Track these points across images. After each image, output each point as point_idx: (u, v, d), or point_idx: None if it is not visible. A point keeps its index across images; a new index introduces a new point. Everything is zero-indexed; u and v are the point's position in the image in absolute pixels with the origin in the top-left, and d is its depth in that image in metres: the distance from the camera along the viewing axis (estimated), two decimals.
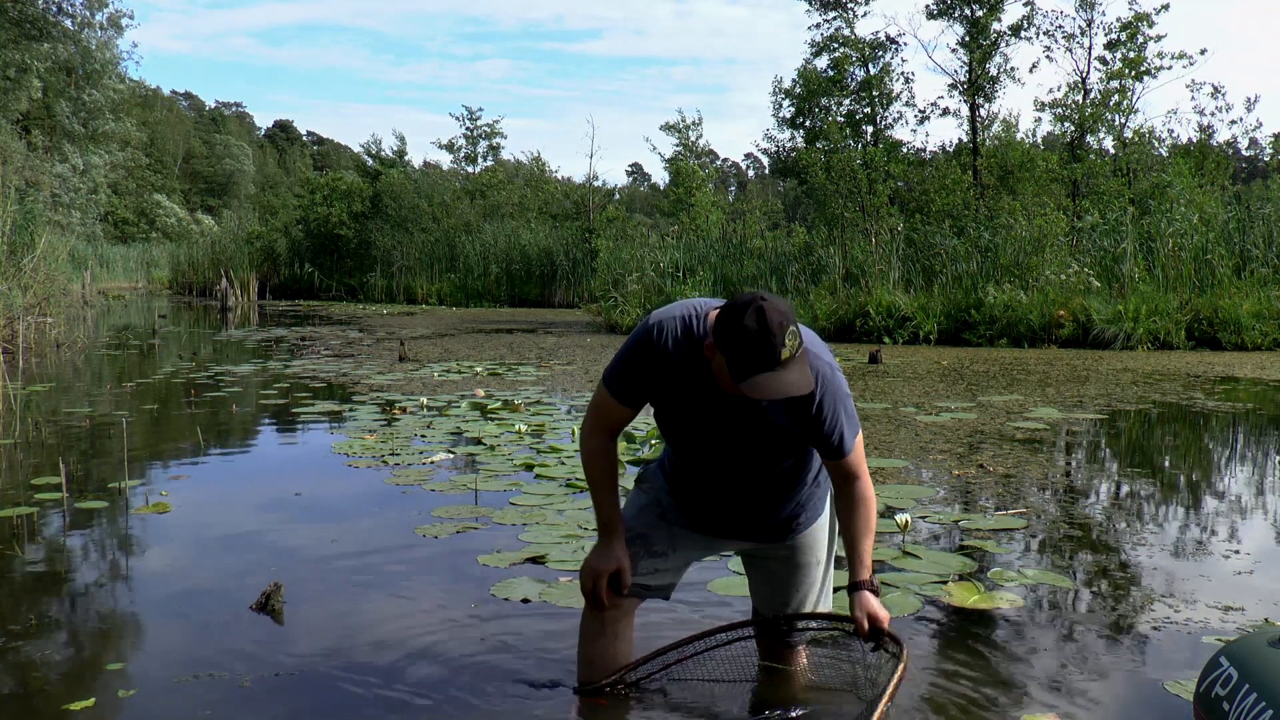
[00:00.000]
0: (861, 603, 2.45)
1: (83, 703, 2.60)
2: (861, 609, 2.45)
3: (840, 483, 2.51)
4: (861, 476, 2.49)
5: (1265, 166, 35.40)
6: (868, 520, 2.49)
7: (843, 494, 2.51)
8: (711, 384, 2.37)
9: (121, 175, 45.30)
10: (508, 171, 37.84)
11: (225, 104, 79.66)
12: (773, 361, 2.15)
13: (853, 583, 2.48)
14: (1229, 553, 4.03)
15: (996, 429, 7.03)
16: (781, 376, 2.16)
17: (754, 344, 2.14)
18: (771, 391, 2.16)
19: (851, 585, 2.48)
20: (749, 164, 78.63)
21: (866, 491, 2.49)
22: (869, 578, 2.47)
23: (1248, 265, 15.09)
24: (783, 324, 2.15)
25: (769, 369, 2.15)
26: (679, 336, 2.38)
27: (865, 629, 2.45)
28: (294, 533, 4.37)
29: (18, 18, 29.28)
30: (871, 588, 2.47)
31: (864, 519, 2.49)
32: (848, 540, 2.51)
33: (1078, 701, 2.64)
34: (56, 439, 6.72)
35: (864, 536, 2.48)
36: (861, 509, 2.49)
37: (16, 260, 12.45)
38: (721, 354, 2.21)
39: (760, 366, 2.15)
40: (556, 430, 6.97)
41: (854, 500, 2.49)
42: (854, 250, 17.45)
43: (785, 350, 2.15)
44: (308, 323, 20.73)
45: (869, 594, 2.46)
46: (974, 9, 19.68)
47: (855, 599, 2.47)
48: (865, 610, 2.44)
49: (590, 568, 2.53)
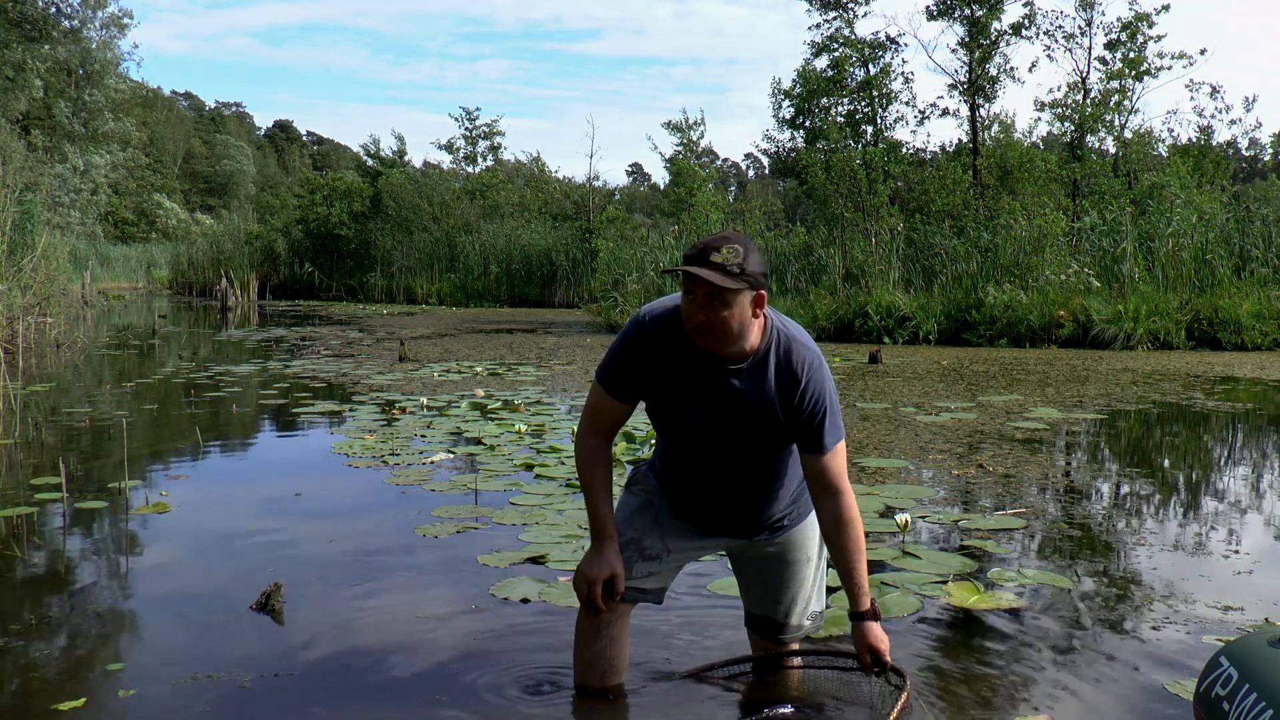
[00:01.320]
0: (864, 634, 2.48)
1: (82, 703, 2.60)
2: (864, 642, 2.48)
3: (822, 496, 2.45)
4: (844, 491, 2.44)
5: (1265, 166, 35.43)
6: (857, 542, 2.45)
7: (825, 512, 2.46)
8: (699, 365, 2.40)
9: (122, 175, 45.30)
10: (507, 172, 37.84)
11: (225, 104, 79.77)
12: (702, 260, 2.29)
13: (854, 613, 2.48)
14: (1228, 553, 4.03)
15: (996, 429, 7.03)
16: (703, 269, 2.28)
17: (694, 247, 2.34)
18: (690, 274, 2.28)
19: (853, 615, 2.49)
20: (749, 164, 78.68)
21: (851, 511, 2.45)
22: (871, 606, 2.48)
23: (1247, 265, 15.09)
24: (728, 239, 2.32)
25: (698, 263, 2.29)
26: (666, 321, 2.43)
27: (869, 662, 2.49)
28: (294, 533, 4.37)
29: (18, 18, 29.29)
30: (874, 616, 2.48)
31: (853, 541, 2.44)
32: (841, 567, 2.46)
33: (1078, 701, 2.64)
34: (56, 439, 6.72)
35: (857, 561, 2.45)
36: (849, 530, 2.44)
37: (16, 260, 12.44)
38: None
39: (690, 260, 2.30)
40: (556, 430, 6.97)
41: (839, 521, 2.44)
42: (854, 250, 17.45)
43: (717, 255, 2.28)
44: (308, 323, 20.73)
45: (872, 624, 2.48)
46: (974, 9, 19.68)
47: (858, 630, 2.48)
48: (867, 644, 2.48)
49: (584, 575, 2.51)
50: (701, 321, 2.31)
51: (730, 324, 2.31)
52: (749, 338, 2.36)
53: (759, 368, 2.40)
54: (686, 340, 2.41)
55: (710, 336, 2.33)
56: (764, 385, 2.40)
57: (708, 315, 2.30)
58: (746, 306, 2.31)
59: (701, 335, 2.34)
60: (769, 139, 25.52)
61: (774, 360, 2.41)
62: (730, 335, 2.33)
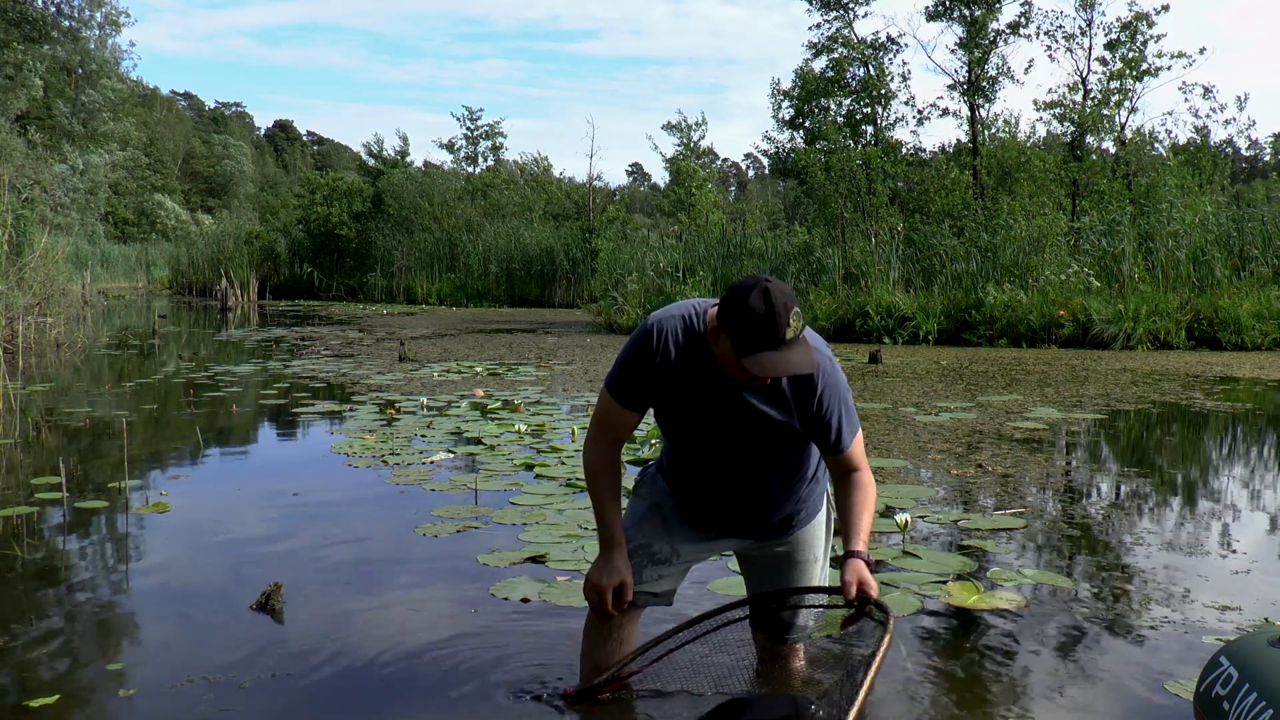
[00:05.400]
0: (852, 567, 2.34)
1: (82, 703, 2.60)
2: (852, 573, 2.33)
3: (840, 475, 2.50)
4: (862, 468, 2.49)
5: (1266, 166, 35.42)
6: (867, 501, 2.45)
7: (843, 482, 2.50)
8: (713, 379, 2.38)
9: (122, 175, 45.26)
10: (509, 171, 37.81)
11: (225, 104, 79.65)
12: (777, 340, 2.18)
13: (846, 551, 2.38)
14: (1226, 552, 4.04)
15: (996, 429, 7.03)
16: (786, 355, 2.19)
17: (760, 322, 2.17)
18: (776, 369, 2.18)
19: (845, 554, 2.38)
20: (749, 164, 78.65)
21: (866, 479, 2.48)
22: (863, 549, 2.37)
23: (1247, 265, 15.10)
24: (787, 304, 2.19)
25: (773, 347, 2.19)
26: (679, 334, 2.40)
27: (852, 593, 2.32)
28: (294, 533, 4.37)
29: (17, 18, 29.28)
30: (864, 558, 2.36)
31: (863, 500, 2.45)
32: (845, 515, 2.44)
33: (1077, 701, 2.64)
34: (56, 439, 6.72)
35: (863, 513, 2.42)
36: (860, 492, 2.46)
37: (18, 260, 12.44)
38: (726, 335, 2.24)
39: (765, 344, 2.18)
40: (556, 430, 6.97)
41: (854, 484, 2.47)
42: (854, 250, 17.45)
43: (790, 330, 2.19)
44: (308, 323, 20.72)
45: (860, 562, 2.35)
46: (973, 9, 19.67)
47: (846, 565, 2.35)
48: (855, 575, 2.33)
49: (593, 584, 2.50)
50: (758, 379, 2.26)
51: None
52: None
53: (775, 379, 2.38)
54: (702, 360, 2.38)
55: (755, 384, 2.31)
56: (779, 395, 2.39)
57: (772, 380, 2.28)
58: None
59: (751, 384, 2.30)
60: (769, 139, 25.52)
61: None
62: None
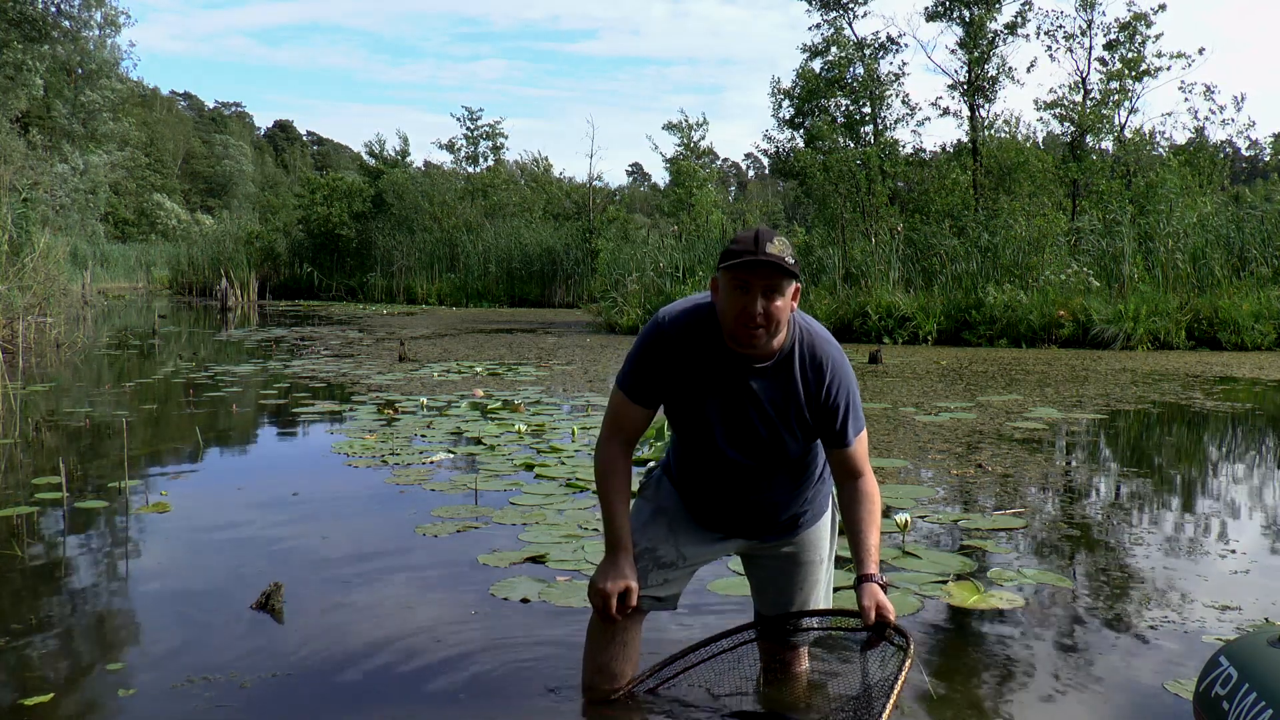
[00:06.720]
0: (869, 592, 2.38)
1: (83, 703, 2.60)
2: (869, 598, 2.36)
3: (843, 478, 2.51)
4: (865, 473, 2.50)
5: (1266, 166, 35.41)
6: (873, 514, 2.47)
7: (846, 489, 2.50)
8: (722, 364, 2.40)
9: (121, 175, 45.25)
10: (510, 171, 37.79)
11: (225, 104, 79.65)
12: (757, 250, 2.28)
13: (860, 575, 2.40)
14: (1226, 553, 4.04)
15: (995, 429, 7.03)
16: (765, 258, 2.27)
17: (742, 239, 2.32)
18: (755, 264, 2.26)
19: (859, 578, 2.40)
20: (749, 164, 78.64)
21: (871, 487, 2.50)
22: (876, 572, 2.40)
23: (1247, 265, 15.10)
24: (772, 236, 2.31)
25: (753, 254, 2.27)
26: (686, 321, 2.44)
27: (871, 618, 2.35)
28: (294, 533, 4.37)
29: (17, 18, 29.28)
30: (879, 582, 2.40)
31: (869, 513, 2.47)
32: (853, 534, 2.46)
33: (1077, 701, 2.64)
34: (56, 439, 6.72)
35: (870, 530, 2.45)
36: (867, 504, 2.48)
37: (18, 260, 12.44)
38: (718, 272, 2.33)
39: (746, 253, 2.28)
40: (556, 430, 6.97)
41: (859, 495, 2.48)
42: (854, 250, 17.46)
43: (772, 247, 2.28)
44: (308, 323, 20.72)
45: (875, 586, 2.39)
46: (972, 10, 19.67)
47: (862, 591, 2.39)
48: (873, 600, 2.36)
49: (598, 588, 2.48)
50: (756, 314, 2.29)
51: (783, 314, 2.33)
52: (783, 332, 2.38)
53: (784, 365, 2.41)
54: (710, 341, 2.41)
55: (763, 330, 2.32)
56: (789, 383, 2.41)
57: (765, 306, 2.29)
58: (790, 298, 2.34)
59: (750, 329, 2.31)
60: (769, 139, 25.49)
61: (798, 358, 2.42)
62: (780, 326, 2.34)
